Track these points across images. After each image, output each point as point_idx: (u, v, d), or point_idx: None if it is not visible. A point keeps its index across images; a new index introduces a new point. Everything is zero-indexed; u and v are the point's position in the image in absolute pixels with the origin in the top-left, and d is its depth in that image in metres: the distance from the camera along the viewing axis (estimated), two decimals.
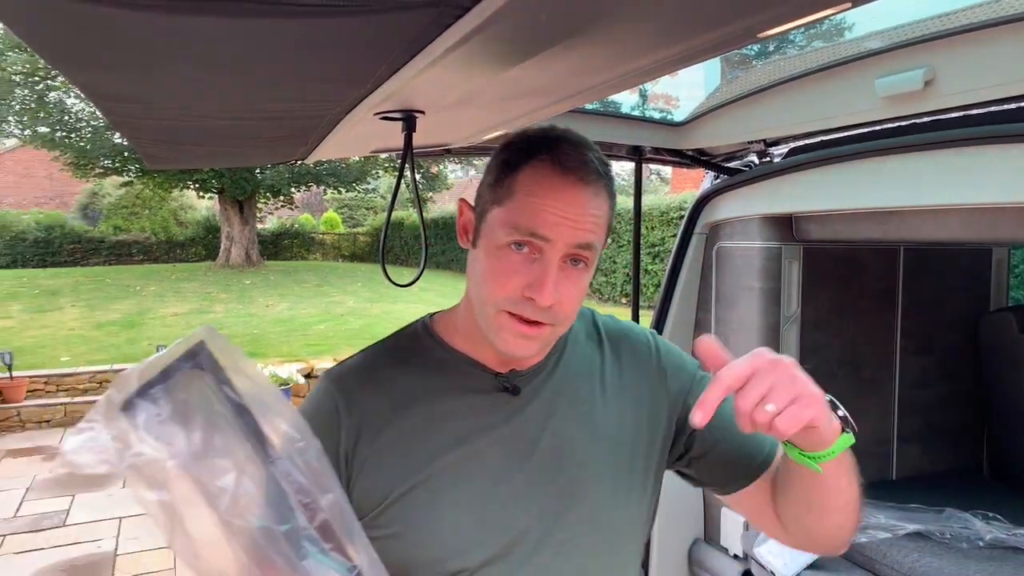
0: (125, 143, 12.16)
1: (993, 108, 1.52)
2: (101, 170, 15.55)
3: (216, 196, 16.98)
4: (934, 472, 2.54)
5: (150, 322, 10.53)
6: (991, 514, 2.05)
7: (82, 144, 14.57)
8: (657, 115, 2.33)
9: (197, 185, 15.82)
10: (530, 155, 0.88)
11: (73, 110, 14.65)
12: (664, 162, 2.38)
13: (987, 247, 2.60)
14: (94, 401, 0.80)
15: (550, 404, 0.95)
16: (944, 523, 2.02)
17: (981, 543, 1.94)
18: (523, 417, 0.94)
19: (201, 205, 24.22)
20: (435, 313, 1.03)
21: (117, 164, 15.11)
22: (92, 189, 22.25)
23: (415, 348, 0.99)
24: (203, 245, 20.86)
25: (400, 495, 0.89)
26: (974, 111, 1.55)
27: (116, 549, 4.48)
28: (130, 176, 16.00)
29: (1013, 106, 1.48)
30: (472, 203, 0.96)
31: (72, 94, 13.92)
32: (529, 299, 0.85)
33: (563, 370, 0.98)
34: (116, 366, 7.66)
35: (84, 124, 14.67)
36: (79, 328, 10.13)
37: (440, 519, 0.89)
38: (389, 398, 0.93)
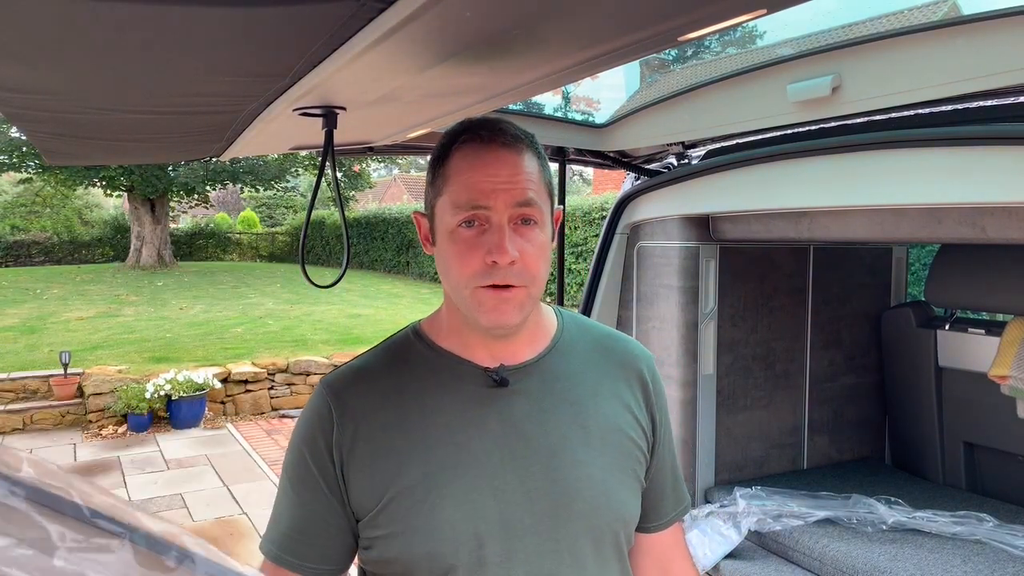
0: (23, 137, 11.45)
1: (894, 115, 1.61)
2: None
3: (125, 194, 16.19)
4: (841, 460, 2.67)
5: (52, 327, 9.93)
6: (893, 499, 2.18)
7: None
8: (579, 117, 2.36)
9: (104, 182, 15.02)
10: (454, 141, 0.95)
11: None
12: (587, 163, 2.41)
13: (888, 246, 2.75)
14: None
15: (541, 402, 0.98)
16: (851, 509, 2.13)
17: (884, 527, 2.05)
18: (514, 414, 0.96)
19: (109, 204, 23.06)
20: (423, 319, 1.07)
21: (14, 160, 14.21)
22: None
23: (405, 351, 1.02)
24: (111, 245, 19.87)
25: (396, 493, 0.92)
26: (878, 116, 1.64)
27: None
28: (28, 173, 15.10)
29: (911, 112, 1.57)
30: (423, 212, 1.01)
31: None
32: (493, 264, 0.89)
33: (553, 369, 1.01)
34: (14, 374, 7.20)
35: None
36: None
37: (436, 516, 0.91)
38: (382, 398, 0.97)
